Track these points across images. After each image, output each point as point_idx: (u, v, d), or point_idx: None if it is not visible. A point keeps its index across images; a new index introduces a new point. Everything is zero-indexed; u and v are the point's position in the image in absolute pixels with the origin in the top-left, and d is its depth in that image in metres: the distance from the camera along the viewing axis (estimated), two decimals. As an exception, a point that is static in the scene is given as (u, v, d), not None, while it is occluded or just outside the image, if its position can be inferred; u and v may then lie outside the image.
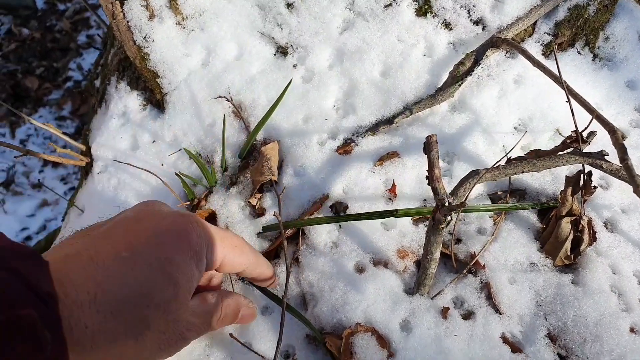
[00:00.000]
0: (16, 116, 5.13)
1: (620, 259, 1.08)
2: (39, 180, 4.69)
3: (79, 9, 6.10)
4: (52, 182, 4.73)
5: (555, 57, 1.00)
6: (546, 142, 1.22)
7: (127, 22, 1.40)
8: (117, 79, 1.63)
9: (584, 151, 0.99)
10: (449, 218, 0.94)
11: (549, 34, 1.26)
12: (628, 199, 1.16)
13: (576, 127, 0.99)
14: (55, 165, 4.80)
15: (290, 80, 1.27)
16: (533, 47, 1.26)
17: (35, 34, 5.85)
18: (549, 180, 1.19)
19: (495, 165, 0.99)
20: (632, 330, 0.98)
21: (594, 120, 0.98)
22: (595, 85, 1.29)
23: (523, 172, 1.00)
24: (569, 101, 0.96)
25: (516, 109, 1.24)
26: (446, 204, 0.92)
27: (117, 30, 1.41)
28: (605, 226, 1.14)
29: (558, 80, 0.98)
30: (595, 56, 1.30)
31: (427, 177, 0.96)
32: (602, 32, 1.30)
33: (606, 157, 0.98)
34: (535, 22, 1.26)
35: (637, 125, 1.27)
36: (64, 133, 1.75)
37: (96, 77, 1.95)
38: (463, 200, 0.94)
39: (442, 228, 0.96)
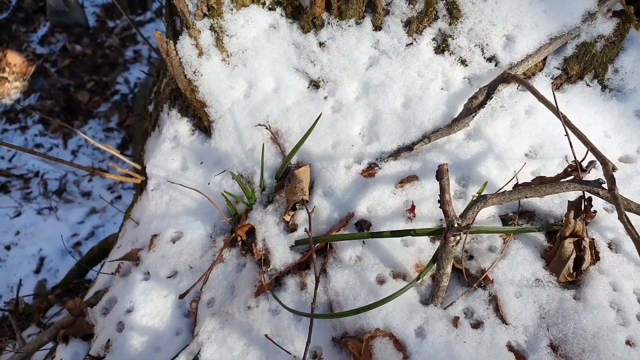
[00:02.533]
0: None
1: (622, 277, 1.18)
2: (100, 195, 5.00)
3: (127, 26, 6.51)
4: (100, 190, 5.05)
5: (554, 93, 1.11)
6: (555, 168, 1.33)
7: (179, 58, 1.60)
8: (169, 107, 1.84)
9: (583, 179, 1.09)
10: (458, 237, 1.07)
11: (559, 69, 1.37)
12: (632, 221, 1.25)
13: (575, 157, 1.10)
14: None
15: (321, 114, 1.44)
16: (543, 80, 1.37)
17: (87, 50, 6.28)
18: (557, 203, 1.30)
19: (500, 192, 1.11)
20: (628, 343, 1.08)
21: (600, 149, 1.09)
22: (604, 115, 1.38)
23: (526, 197, 1.12)
24: (567, 135, 1.08)
25: (527, 137, 1.35)
26: (455, 225, 1.06)
27: (170, 65, 1.62)
28: (609, 247, 1.23)
29: (558, 113, 1.09)
30: (604, 87, 1.40)
31: (438, 201, 1.09)
32: (611, 65, 1.40)
33: (603, 185, 1.08)
34: (545, 58, 1.37)
35: (645, 152, 1.36)
36: (122, 153, 1.98)
37: (149, 102, 2.18)
38: (470, 222, 1.07)
39: (453, 246, 1.09)
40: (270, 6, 1.53)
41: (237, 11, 1.52)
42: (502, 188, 1.13)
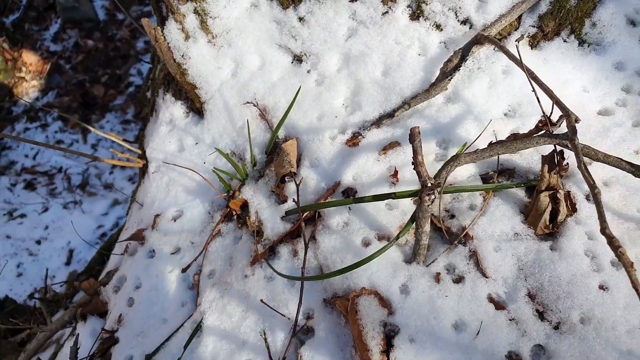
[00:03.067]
0: (88, 122, 5.63)
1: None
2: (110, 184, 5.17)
3: (136, 17, 6.57)
4: (121, 182, 5.20)
5: (518, 51, 1.14)
6: (533, 125, 1.35)
7: (168, 43, 1.66)
8: (164, 91, 1.90)
9: (552, 133, 1.12)
10: (432, 197, 1.12)
11: (534, 27, 1.38)
12: (610, 172, 1.27)
13: (543, 111, 1.13)
14: (123, 167, 5.25)
15: (300, 88, 1.48)
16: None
17: (99, 44, 6.37)
18: (536, 160, 1.33)
19: (472, 151, 1.15)
20: (601, 287, 1.12)
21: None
22: (582, 70, 1.39)
23: (498, 154, 1.15)
24: (534, 90, 1.10)
25: (505, 97, 1.37)
26: (428, 185, 1.10)
27: (160, 51, 1.67)
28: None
29: (523, 68, 1.12)
30: (582, 42, 1.41)
31: (412, 163, 1.14)
32: (588, 19, 1.40)
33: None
34: (521, 16, 1.38)
35: (624, 104, 1.37)
36: (124, 140, 2.06)
37: (147, 89, 2.24)
38: (442, 181, 1.11)
39: (428, 205, 1.14)
40: (250, -15, 1.56)
41: (217, -7, 1.56)
42: (470, 145, 1.17)
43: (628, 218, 1.22)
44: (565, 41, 1.40)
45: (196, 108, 1.77)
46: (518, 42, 1.16)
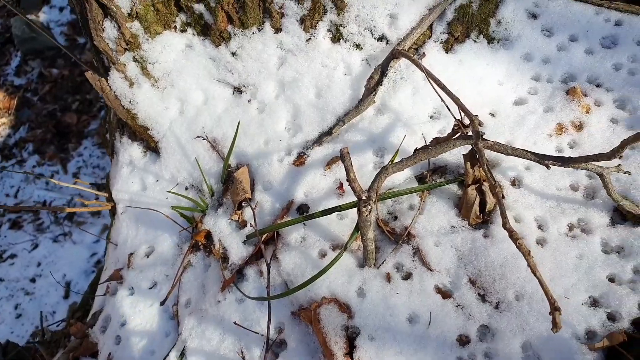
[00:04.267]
0: (65, 152, 5.59)
1: (524, 209, 1.34)
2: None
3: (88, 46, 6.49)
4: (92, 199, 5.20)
5: (418, 63, 1.25)
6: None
7: (114, 92, 1.74)
8: (120, 134, 1.98)
9: (466, 135, 1.24)
10: (369, 207, 1.24)
11: (445, 33, 1.50)
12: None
13: (454, 116, 1.25)
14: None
15: (239, 123, 1.58)
16: (433, 46, 1.50)
17: (64, 72, 6.30)
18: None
19: (399, 161, 1.27)
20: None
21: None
22: (495, 65, 1.52)
23: (422, 160, 1.27)
24: (442, 100, 1.22)
25: (429, 101, 1.49)
26: (363, 198, 1.22)
27: (108, 100, 1.75)
28: (512, 184, 1.39)
29: (434, 78, 1.23)
30: (491, 40, 1.53)
31: (347, 180, 1.25)
32: (492, 18, 1.52)
33: (484, 137, 1.23)
34: (431, 25, 1.50)
35: (535, 92, 1.50)
36: (92, 184, 2.14)
37: (106, 131, 2.32)
38: (375, 193, 1.23)
39: (367, 215, 1.25)
40: (182, 28, 1.65)
41: (152, 40, 1.64)
42: (398, 150, 1.29)
43: (549, 197, 1.35)
44: (475, 42, 1.52)
45: (152, 147, 1.85)
46: (423, 56, 1.27)
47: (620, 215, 1.29)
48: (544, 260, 1.26)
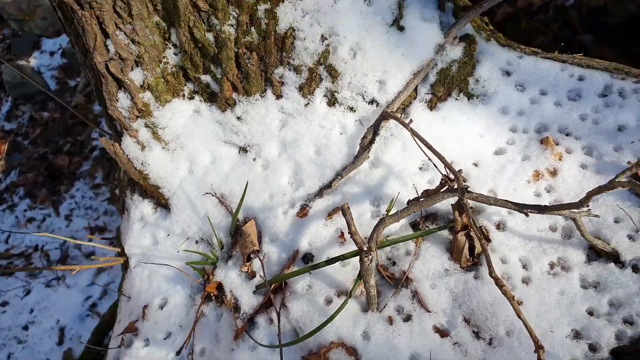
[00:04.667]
0: (57, 194, 5.60)
1: (509, 250, 1.48)
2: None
3: (88, 81, 6.62)
4: (101, 249, 5.18)
5: (408, 127, 1.41)
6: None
7: (127, 155, 1.88)
8: (131, 192, 2.11)
9: (453, 188, 1.39)
10: (370, 257, 1.37)
11: (429, 94, 1.67)
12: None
13: (440, 172, 1.40)
14: (102, 230, 5.17)
15: (247, 183, 1.73)
16: (418, 106, 1.68)
17: (55, 115, 6.38)
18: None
19: (394, 213, 1.41)
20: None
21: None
22: (475, 120, 1.69)
23: (414, 212, 1.41)
24: (429, 158, 1.38)
25: (417, 155, 1.65)
26: (364, 249, 1.35)
27: (121, 162, 1.89)
28: (497, 227, 1.54)
29: (420, 137, 1.39)
30: (471, 97, 1.71)
31: (349, 232, 1.39)
32: (471, 77, 1.70)
33: (468, 190, 1.38)
34: (416, 87, 1.67)
35: (512, 142, 1.67)
36: (104, 238, 2.25)
37: (115, 187, 2.45)
38: (374, 243, 1.36)
39: (369, 264, 1.38)
40: (190, 96, 1.81)
41: (162, 107, 1.80)
42: (394, 201, 1.43)
43: (531, 238, 1.50)
44: (456, 99, 1.69)
45: (162, 204, 1.98)
46: (411, 122, 1.44)
47: (595, 253, 1.44)
48: (530, 297, 1.39)
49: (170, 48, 1.67)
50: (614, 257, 1.40)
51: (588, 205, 1.25)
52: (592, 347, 1.28)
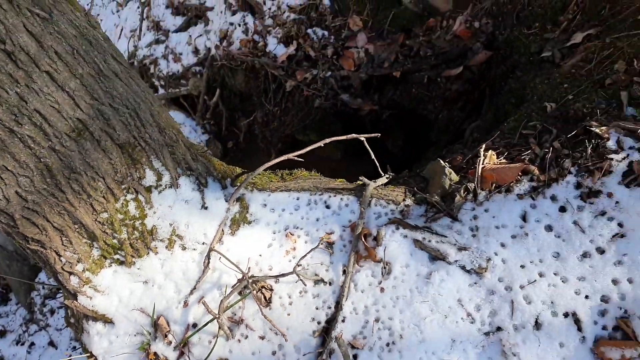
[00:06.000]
0: None
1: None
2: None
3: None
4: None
5: (219, 250, 3.24)
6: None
7: (82, 305, 3.43)
8: (86, 320, 3.64)
9: (245, 277, 3.23)
10: (220, 318, 3.16)
11: (230, 229, 3.50)
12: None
13: (241, 271, 3.24)
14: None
15: (154, 301, 3.42)
16: (226, 236, 3.49)
17: None
18: (254, 277, 3.45)
19: (228, 293, 3.22)
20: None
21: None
22: (255, 234, 3.55)
23: (236, 291, 3.23)
24: (233, 263, 3.21)
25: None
26: (216, 316, 3.14)
27: (79, 310, 3.44)
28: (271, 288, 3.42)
29: (223, 255, 3.21)
30: (250, 223, 3.56)
31: (208, 311, 3.15)
32: (248, 214, 3.56)
33: (252, 276, 3.23)
34: (222, 230, 3.48)
35: (274, 238, 3.56)
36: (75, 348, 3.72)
37: (70, 317, 3.92)
38: (221, 311, 3.16)
39: (220, 321, 3.17)
40: (109, 265, 3.41)
41: (96, 276, 3.38)
42: (226, 291, 3.24)
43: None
44: (243, 227, 3.54)
45: (109, 321, 3.57)
46: (222, 245, 3.26)
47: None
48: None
49: (95, 249, 3.27)
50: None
51: (300, 265, 3.16)
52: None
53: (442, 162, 3.69)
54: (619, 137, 3.19)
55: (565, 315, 2.79)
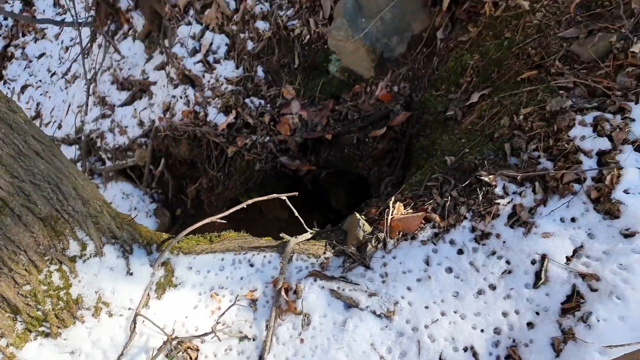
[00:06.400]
0: None
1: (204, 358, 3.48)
2: None
3: None
4: None
5: (144, 315, 3.35)
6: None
7: (6, 381, 3.42)
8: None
9: (169, 338, 3.33)
10: (144, 383, 3.22)
11: (155, 293, 3.63)
12: None
13: (164, 333, 3.35)
14: None
15: (81, 364, 3.46)
16: (153, 300, 3.61)
17: None
18: (180, 339, 3.55)
19: (153, 355, 3.30)
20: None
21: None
22: (182, 298, 3.68)
23: (163, 351, 3.31)
24: (159, 327, 3.32)
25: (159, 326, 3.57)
26: (140, 381, 3.20)
27: (3, 386, 3.42)
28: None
29: (150, 320, 3.32)
30: (175, 286, 3.70)
31: (132, 377, 3.22)
32: (173, 277, 3.71)
33: (176, 337, 3.34)
34: (149, 294, 3.61)
35: (200, 300, 3.70)
36: None
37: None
38: (144, 377, 3.23)
39: (145, 386, 3.23)
40: (35, 338, 3.45)
41: (21, 350, 3.41)
42: (153, 353, 3.32)
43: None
44: (170, 290, 3.68)
45: (34, 397, 3.54)
46: (148, 310, 3.38)
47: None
48: (216, 369, 3.39)
49: (19, 322, 3.32)
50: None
51: (224, 324, 3.29)
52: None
53: (357, 215, 3.99)
54: (505, 184, 3.59)
55: (465, 349, 3.03)
